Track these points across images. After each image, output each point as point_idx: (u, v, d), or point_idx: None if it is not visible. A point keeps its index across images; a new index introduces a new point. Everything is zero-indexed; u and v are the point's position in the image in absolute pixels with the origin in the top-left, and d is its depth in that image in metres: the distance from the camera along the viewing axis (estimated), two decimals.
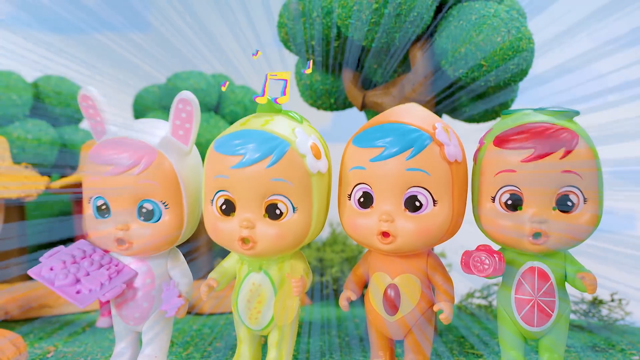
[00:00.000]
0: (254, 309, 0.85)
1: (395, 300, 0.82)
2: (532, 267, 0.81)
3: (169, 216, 0.83)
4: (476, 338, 1.16)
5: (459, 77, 1.07)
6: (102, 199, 0.83)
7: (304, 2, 1.14)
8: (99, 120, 0.86)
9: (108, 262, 0.86)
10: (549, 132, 0.75)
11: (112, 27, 2.07)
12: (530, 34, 1.05)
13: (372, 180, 0.78)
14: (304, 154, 0.78)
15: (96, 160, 0.82)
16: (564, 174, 0.75)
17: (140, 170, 0.81)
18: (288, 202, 0.78)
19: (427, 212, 0.77)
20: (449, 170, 0.77)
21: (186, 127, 0.84)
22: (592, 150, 0.77)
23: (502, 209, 0.79)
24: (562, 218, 0.76)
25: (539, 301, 0.81)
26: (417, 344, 0.84)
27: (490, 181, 0.79)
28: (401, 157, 0.76)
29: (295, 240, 0.81)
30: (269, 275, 0.84)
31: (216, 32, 1.52)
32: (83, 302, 0.80)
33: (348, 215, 0.82)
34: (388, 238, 0.78)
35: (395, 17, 1.01)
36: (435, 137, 0.77)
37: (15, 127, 1.56)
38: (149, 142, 0.83)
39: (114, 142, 0.84)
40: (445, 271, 0.85)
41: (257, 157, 0.76)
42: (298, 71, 1.29)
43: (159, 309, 0.87)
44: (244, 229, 0.78)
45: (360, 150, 0.80)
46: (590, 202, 0.77)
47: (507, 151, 0.77)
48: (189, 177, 0.85)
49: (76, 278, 0.82)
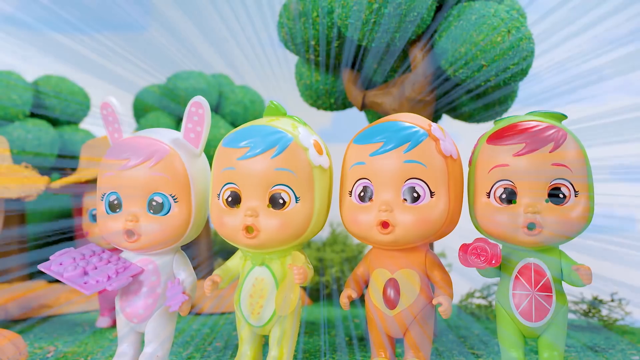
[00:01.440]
0: (256, 304, 0.86)
1: (394, 293, 0.84)
2: (528, 264, 0.84)
3: (178, 210, 0.86)
4: (476, 338, 1.17)
5: (459, 77, 1.07)
6: (115, 194, 0.87)
7: (304, 2, 1.14)
8: (117, 127, 0.92)
9: (116, 260, 0.89)
10: (538, 128, 0.80)
11: (111, 27, 2.07)
12: (530, 34, 1.05)
13: (372, 174, 0.81)
14: (306, 147, 0.83)
15: (112, 157, 0.87)
16: (555, 166, 0.79)
17: (153, 163, 0.85)
18: (291, 192, 0.81)
19: (424, 203, 0.80)
20: (444, 163, 0.81)
21: (197, 130, 0.89)
22: (580, 146, 0.81)
23: (497, 203, 0.82)
24: (554, 210, 0.79)
25: (536, 296, 0.82)
26: (416, 341, 0.85)
27: (485, 177, 0.82)
28: (399, 150, 0.79)
29: (297, 231, 0.83)
30: (271, 269, 0.86)
31: (216, 32, 1.52)
32: (90, 290, 0.83)
33: (348, 211, 0.84)
34: (387, 228, 0.80)
35: (395, 17, 1.01)
36: (431, 133, 0.81)
37: (15, 127, 1.56)
38: (162, 140, 0.88)
39: (128, 140, 0.89)
40: (443, 268, 0.87)
41: (262, 148, 0.80)
42: (298, 71, 1.29)
43: (163, 305, 0.88)
44: (248, 217, 0.81)
45: (360, 147, 0.83)
46: (581, 195, 0.80)
47: (499, 147, 0.81)
48: (198, 177, 0.89)
49: (84, 270, 0.85)
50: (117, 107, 0.91)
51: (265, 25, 1.30)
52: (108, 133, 0.93)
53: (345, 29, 1.07)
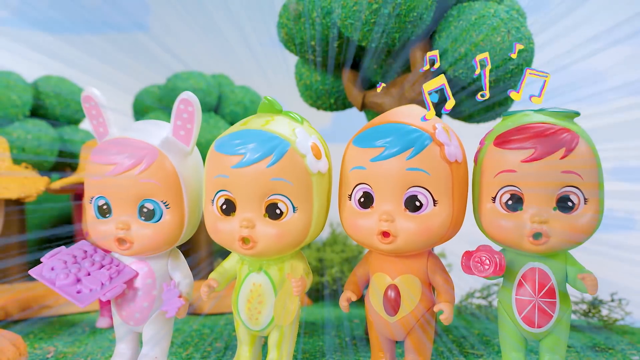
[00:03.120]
0: (254, 309, 0.85)
1: (395, 300, 0.82)
2: (532, 268, 0.81)
3: (170, 216, 0.83)
4: (476, 338, 1.17)
5: (459, 77, 1.07)
6: (104, 198, 0.83)
7: (304, 2, 1.14)
8: (101, 122, 0.87)
9: (109, 263, 0.86)
10: (549, 132, 0.76)
11: (112, 27, 2.07)
12: (530, 34, 1.05)
13: (373, 180, 0.78)
14: (304, 154, 0.79)
15: (98, 160, 0.83)
16: (565, 174, 0.75)
17: (142, 169, 0.81)
18: (288, 201, 0.78)
19: (427, 212, 0.77)
20: (449, 170, 0.77)
21: (187, 127, 0.84)
22: (592, 150, 0.77)
23: (503, 209, 0.79)
24: (562, 218, 0.76)
25: (539, 302, 0.80)
26: (417, 344, 0.84)
27: (491, 181, 0.79)
28: (401, 157, 0.76)
29: (295, 240, 0.81)
30: (269, 275, 0.84)
31: (216, 33, 1.52)
32: (83, 302, 0.80)
33: (348, 216, 0.82)
34: (388, 238, 0.78)
35: (395, 17, 1.01)
36: (435, 137, 0.77)
37: (15, 127, 1.56)
38: (150, 142, 0.83)
39: (115, 142, 0.84)
40: (445, 272, 0.85)
41: (257, 156, 0.76)
42: (298, 71, 1.29)
43: (159, 309, 0.87)
44: (244, 228, 0.78)
45: (361, 150, 0.80)
46: (590, 202, 0.77)
47: (507, 151, 0.77)
48: (190, 177, 0.86)
49: (77, 278, 0.82)
50: (101, 99, 0.86)
51: (265, 25, 1.29)
52: (92, 127, 0.88)
53: (345, 29, 1.07)
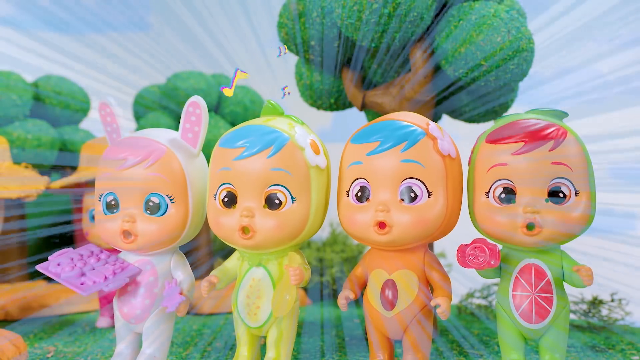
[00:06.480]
0: (253, 304, 0.86)
1: (392, 294, 0.83)
2: (528, 264, 0.82)
3: (175, 210, 0.86)
4: (476, 338, 1.17)
5: (459, 77, 1.07)
6: (113, 194, 0.87)
7: (304, 2, 1.14)
8: (115, 128, 0.92)
9: (114, 261, 0.89)
10: (537, 126, 0.79)
11: (112, 27, 2.07)
12: (530, 34, 1.05)
13: (369, 173, 0.81)
14: (303, 147, 0.82)
15: (109, 157, 0.87)
16: (554, 165, 0.78)
17: (150, 163, 0.85)
18: (287, 192, 0.81)
19: (422, 203, 0.79)
20: (442, 163, 0.80)
21: (195, 130, 0.88)
22: (580, 145, 0.80)
23: (496, 203, 0.81)
24: (554, 210, 0.78)
25: (536, 297, 0.81)
26: (415, 342, 0.84)
27: (484, 176, 0.82)
28: (396, 149, 0.79)
29: (293, 231, 0.83)
30: (268, 270, 0.86)
31: (216, 32, 1.52)
32: (86, 291, 0.82)
33: (345, 211, 0.84)
34: (384, 229, 0.79)
35: (395, 17, 1.01)
36: (428, 132, 0.80)
37: (15, 127, 1.56)
38: (159, 141, 0.88)
39: (125, 141, 0.89)
40: (442, 269, 0.86)
41: (258, 148, 0.80)
42: (298, 71, 1.29)
43: (160, 305, 0.88)
44: (244, 217, 0.81)
45: (357, 146, 0.82)
46: (582, 195, 0.79)
47: (498, 146, 0.80)
48: (195, 177, 0.89)
49: (82, 272, 0.85)
50: (115, 107, 0.91)
51: (265, 25, 1.30)
52: (106, 133, 0.92)
53: (345, 29, 1.07)
